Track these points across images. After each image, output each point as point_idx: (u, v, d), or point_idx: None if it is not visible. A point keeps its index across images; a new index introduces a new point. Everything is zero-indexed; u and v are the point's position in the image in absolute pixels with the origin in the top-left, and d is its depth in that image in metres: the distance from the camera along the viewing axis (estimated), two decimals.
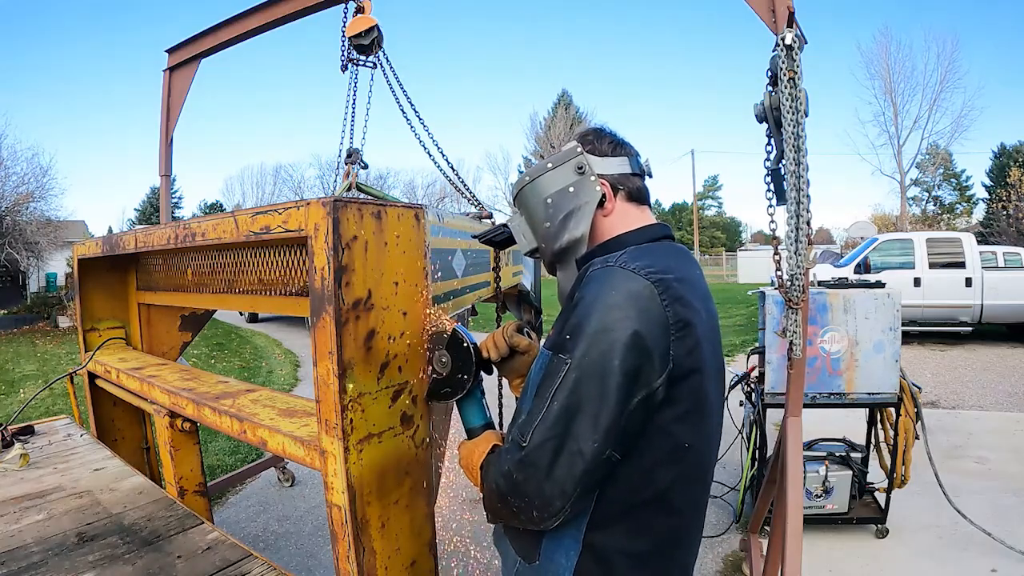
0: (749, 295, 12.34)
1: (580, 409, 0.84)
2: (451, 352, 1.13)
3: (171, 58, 3.44)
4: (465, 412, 1.15)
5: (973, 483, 3.60)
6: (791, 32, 1.65)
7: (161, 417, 1.64)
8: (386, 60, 3.00)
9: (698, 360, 0.89)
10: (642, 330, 0.83)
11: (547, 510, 0.86)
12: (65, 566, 1.18)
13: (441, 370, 1.14)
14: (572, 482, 0.84)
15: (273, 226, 1.12)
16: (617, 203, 1.06)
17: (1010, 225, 20.99)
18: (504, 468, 0.89)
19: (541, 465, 0.85)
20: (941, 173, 28.95)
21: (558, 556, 0.94)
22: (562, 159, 1.07)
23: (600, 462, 0.85)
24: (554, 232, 1.07)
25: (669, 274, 0.90)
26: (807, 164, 1.67)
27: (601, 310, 0.85)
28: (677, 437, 0.90)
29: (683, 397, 0.88)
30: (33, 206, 14.55)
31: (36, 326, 13.99)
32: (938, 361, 7.55)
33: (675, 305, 0.87)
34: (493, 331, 1.16)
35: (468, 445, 1.08)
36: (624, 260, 0.91)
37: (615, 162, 1.06)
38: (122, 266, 2.28)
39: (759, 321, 3.21)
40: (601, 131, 1.10)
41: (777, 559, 1.98)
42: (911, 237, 9.10)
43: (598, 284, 0.89)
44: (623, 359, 0.82)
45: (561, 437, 0.84)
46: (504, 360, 1.15)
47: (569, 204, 1.05)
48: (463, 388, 1.12)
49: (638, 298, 0.85)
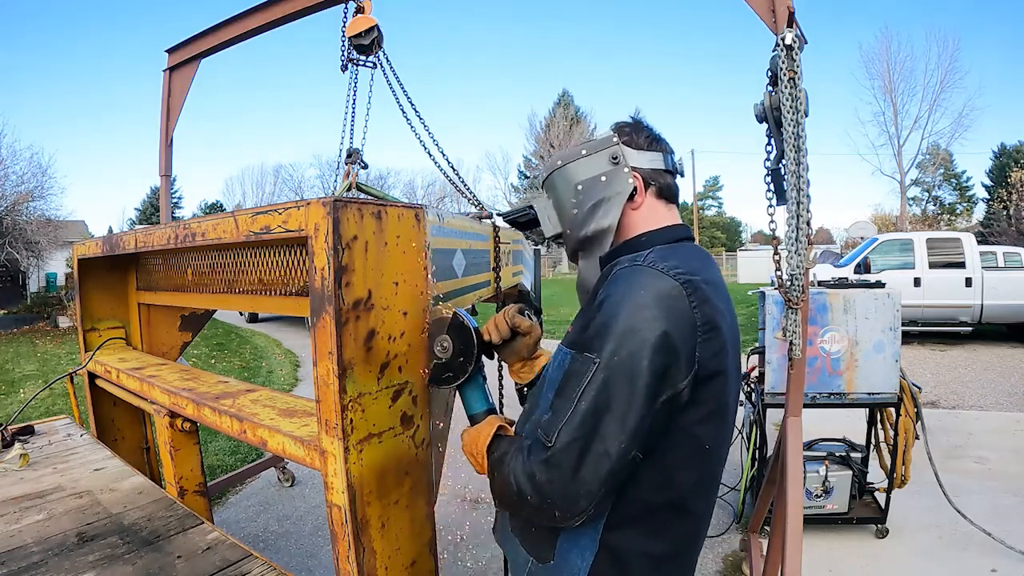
0: (749, 295, 12.34)
1: (608, 409, 0.83)
2: (452, 336, 1.12)
3: (171, 58, 3.44)
4: (467, 397, 1.14)
5: (973, 483, 3.59)
6: (791, 32, 1.65)
7: (161, 417, 1.64)
8: (386, 60, 2.99)
9: (723, 363, 0.89)
10: (670, 330, 0.83)
11: (571, 510, 0.86)
12: (65, 566, 1.18)
13: (442, 355, 1.13)
14: (598, 482, 0.84)
15: (273, 226, 1.12)
16: (647, 198, 1.05)
17: (1010, 225, 21.00)
18: (529, 469, 0.88)
19: (567, 466, 0.84)
20: (941, 173, 28.96)
21: (573, 556, 0.94)
22: (597, 147, 1.06)
23: (626, 462, 0.85)
24: (581, 219, 1.07)
25: (697, 276, 0.89)
26: (807, 164, 1.67)
27: (630, 309, 0.84)
28: (699, 439, 0.90)
29: (706, 399, 0.88)
30: (33, 206, 14.55)
31: (36, 326, 13.98)
32: (938, 361, 7.55)
33: (703, 307, 0.87)
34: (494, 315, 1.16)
35: (471, 431, 1.08)
36: (652, 260, 0.91)
37: (650, 157, 1.06)
38: (122, 266, 2.28)
39: (759, 321, 3.21)
40: (639, 124, 1.09)
41: (777, 559, 1.98)
42: (911, 237, 9.10)
43: (626, 283, 0.88)
44: (652, 359, 0.82)
45: (588, 438, 0.84)
46: (505, 343, 1.14)
47: (600, 193, 1.05)
48: (465, 372, 1.11)
49: (667, 298, 0.85)
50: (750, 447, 3.15)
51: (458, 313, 1.13)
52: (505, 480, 0.93)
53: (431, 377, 1.16)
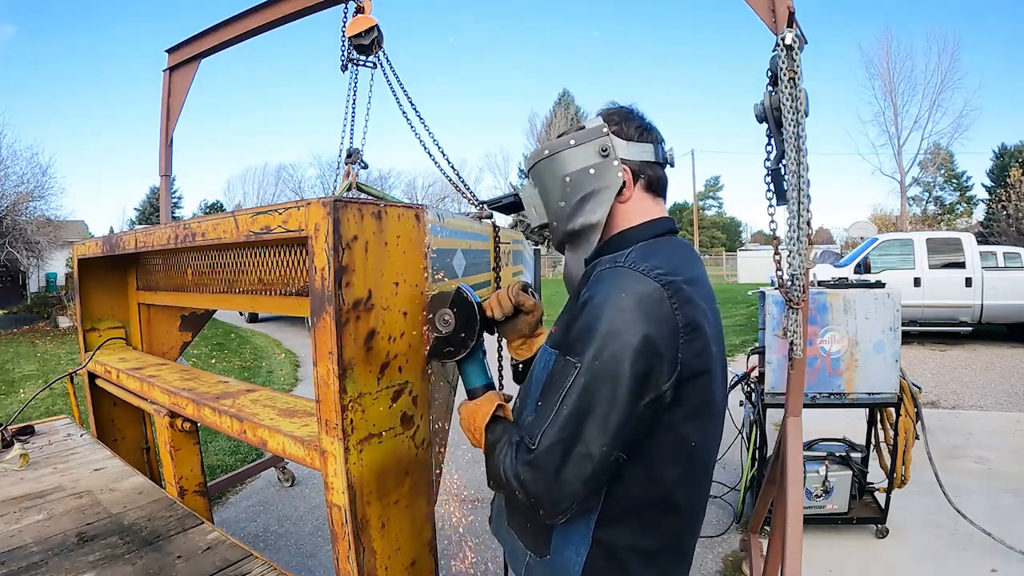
0: (749, 295, 12.34)
1: (590, 412, 0.84)
2: (455, 310, 1.11)
3: (171, 58, 3.44)
4: (467, 373, 1.14)
5: (973, 483, 3.59)
6: (791, 32, 1.65)
7: (161, 417, 1.64)
8: (386, 60, 2.99)
9: (706, 362, 0.89)
10: (652, 334, 0.83)
11: (555, 508, 0.88)
12: (65, 566, 1.17)
13: (444, 329, 1.12)
14: (580, 483, 0.85)
15: (273, 226, 1.12)
16: (636, 191, 1.03)
17: (1010, 225, 20.98)
18: (515, 469, 0.89)
19: (550, 468, 0.85)
20: (941, 173, 28.95)
21: (568, 551, 0.96)
22: (586, 137, 1.02)
23: (608, 464, 0.86)
24: (569, 213, 1.04)
25: (678, 276, 0.89)
26: (807, 164, 1.67)
27: (611, 312, 0.84)
28: (684, 437, 0.91)
29: (690, 397, 0.89)
30: (33, 206, 14.56)
31: (36, 326, 13.98)
32: (938, 361, 7.55)
33: (684, 308, 0.86)
34: (497, 291, 1.16)
35: (470, 406, 1.08)
36: (633, 260, 0.90)
37: (640, 148, 1.02)
38: (122, 266, 2.28)
39: (759, 321, 3.21)
40: (630, 113, 1.05)
41: (777, 559, 1.98)
42: (911, 237, 9.10)
43: (608, 286, 0.88)
44: (633, 363, 0.82)
45: (570, 440, 0.84)
46: (508, 319, 1.14)
47: (588, 186, 1.02)
48: (466, 348, 1.10)
49: (648, 301, 0.84)
50: (750, 447, 3.15)
51: (461, 288, 1.12)
52: (496, 471, 0.95)
53: (431, 351, 1.15)
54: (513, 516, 1.07)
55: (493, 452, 0.97)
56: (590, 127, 1.04)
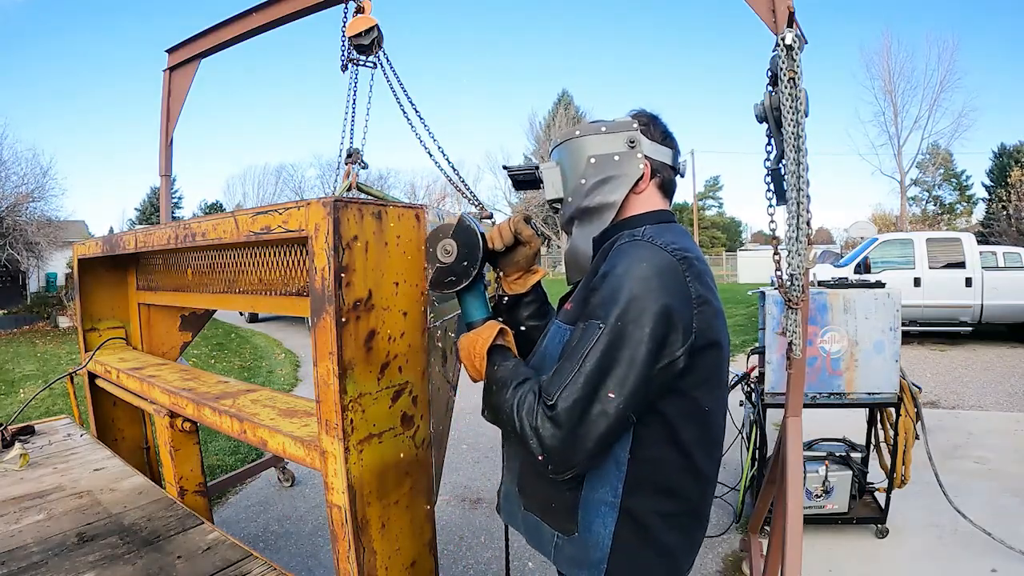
0: (749, 295, 12.35)
1: (610, 372, 0.89)
2: (457, 238, 1.11)
3: (171, 58, 3.43)
4: (468, 304, 1.14)
5: (973, 483, 3.59)
6: (791, 32, 1.65)
7: (161, 417, 1.64)
8: (386, 60, 2.99)
9: (716, 333, 0.96)
10: (670, 302, 0.90)
11: (565, 464, 0.92)
12: (65, 566, 1.18)
13: (445, 259, 1.12)
14: (595, 440, 0.90)
15: (273, 226, 1.12)
16: (650, 187, 1.11)
17: (1010, 225, 21.00)
18: (534, 422, 0.92)
19: (569, 424, 0.89)
20: (941, 173, 28.95)
21: (596, 525, 0.98)
22: (617, 128, 1.11)
23: (622, 423, 0.91)
24: (586, 190, 1.11)
25: (690, 253, 0.96)
26: (807, 164, 1.67)
27: (633, 280, 0.91)
28: (698, 401, 0.97)
29: (702, 366, 0.95)
30: (33, 206, 14.56)
31: (36, 326, 13.98)
32: (938, 361, 7.54)
33: (695, 282, 0.94)
34: (498, 223, 1.18)
35: (470, 335, 1.09)
36: (651, 236, 0.98)
37: (661, 150, 1.11)
38: (122, 266, 2.28)
39: (759, 321, 3.21)
40: (656, 119, 1.14)
41: (777, 559, 1.98)
42: (911, 237, 9.08)
43: (629, 257, 0.94)
44: (653, 327, 0.88)
45: (590, 398, 0.89)
46: (507, 251, 1.16)
47: (611, 170, 1.09)
48: (468, 276, 1.10)
49: (667, 272, 0.92)
50: (750, 447, 3.15)
51: (464, 216, 1.13)
52: (507, 415, 0.97)
53: (432, 281, 1.15)
54: (532, 499, 1.09)
55: (500, 389, 1.00)
56: (621, 120, 1.12)
